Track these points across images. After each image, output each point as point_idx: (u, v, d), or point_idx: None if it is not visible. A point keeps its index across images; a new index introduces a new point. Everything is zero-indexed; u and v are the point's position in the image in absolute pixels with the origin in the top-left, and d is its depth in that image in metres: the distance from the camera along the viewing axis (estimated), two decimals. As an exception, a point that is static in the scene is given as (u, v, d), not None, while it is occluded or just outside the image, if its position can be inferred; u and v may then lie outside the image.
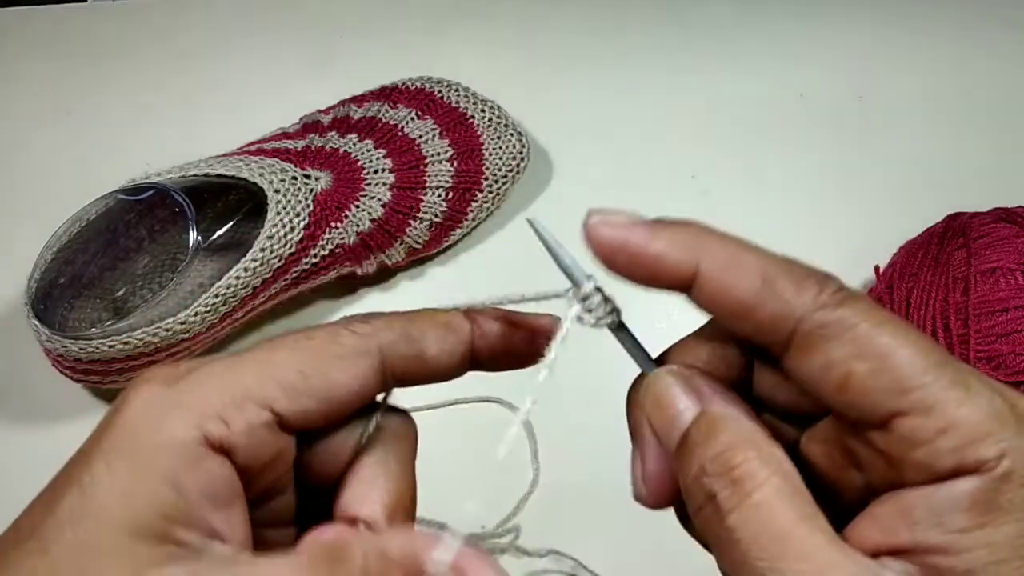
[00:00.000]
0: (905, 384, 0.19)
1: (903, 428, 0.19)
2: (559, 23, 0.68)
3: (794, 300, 0.20)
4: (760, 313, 0.21)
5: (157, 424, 0.20)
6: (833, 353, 0.20)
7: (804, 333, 0.20)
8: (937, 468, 0.19)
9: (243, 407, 0.21)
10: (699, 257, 0.21)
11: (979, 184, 0.58)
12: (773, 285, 0.21)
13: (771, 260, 0.21)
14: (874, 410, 0.20)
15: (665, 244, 0.22)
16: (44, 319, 0.46)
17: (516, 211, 0.58)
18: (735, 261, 0.21)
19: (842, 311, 0.20)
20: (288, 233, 0.48)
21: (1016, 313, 0.42)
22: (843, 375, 0.20)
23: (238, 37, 0.67)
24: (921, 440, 0.19)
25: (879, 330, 0.20)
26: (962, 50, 0.66)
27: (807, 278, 0.21)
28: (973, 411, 0.19)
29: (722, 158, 0.60)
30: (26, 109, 0.64)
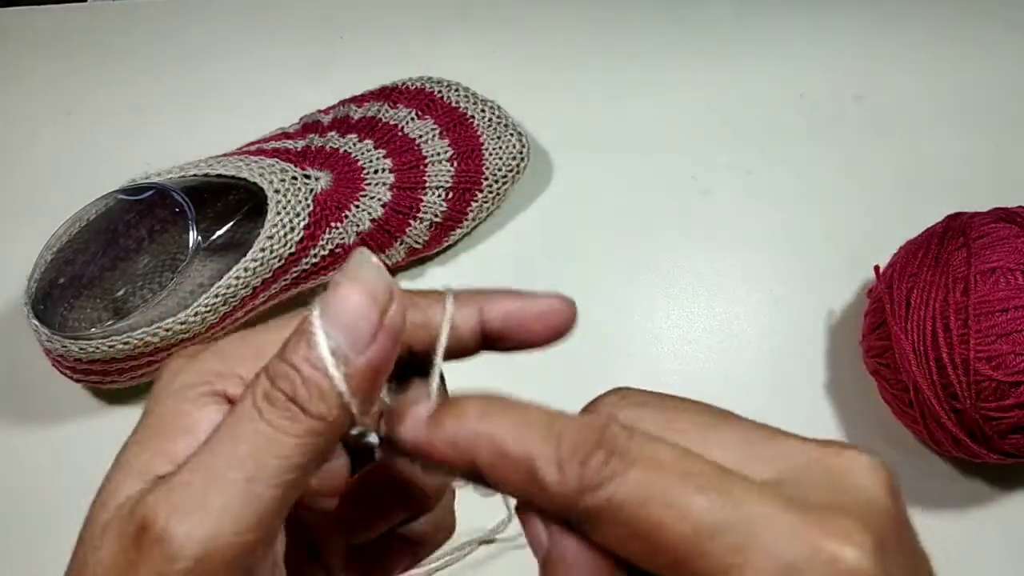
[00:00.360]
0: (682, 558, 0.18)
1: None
2: (559, 23, 0.68)
3: (558, 488, 0.19)
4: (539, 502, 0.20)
5: (181, 384, 0.21)
6: (606, 539, 0.19)
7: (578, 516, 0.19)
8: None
9: (259, 365, 0.21)
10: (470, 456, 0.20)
11: (979, 184, 0.58)
12: (536, 476, 0.19)
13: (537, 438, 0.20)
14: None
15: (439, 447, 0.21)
16: (44, 319, 0.46)
17: (516, 211, 0.58)
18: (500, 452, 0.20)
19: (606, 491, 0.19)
20: (288, 233, 0.48)
21: (1016, 313, 0.42)
22: (627, 555, 0.19)
23: (238, 37, 0.68)
24: None
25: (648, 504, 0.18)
26: (962, 50, 0.66)
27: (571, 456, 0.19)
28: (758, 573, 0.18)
29: (722, 158, 0.60)
30: (26, 109, 0.64)
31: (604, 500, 0.19)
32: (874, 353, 0.48)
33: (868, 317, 0.49)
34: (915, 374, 0.44)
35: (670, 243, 0.57)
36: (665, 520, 0.18)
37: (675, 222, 0.58)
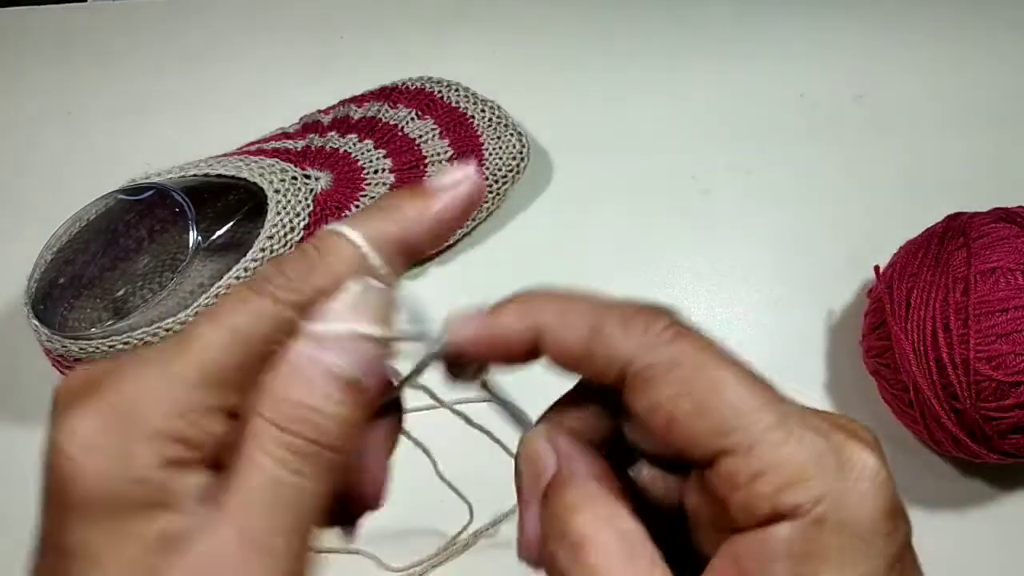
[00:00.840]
0: (726, 425, 0.19)
1: (724, 469, 0.19)
2: (559, 23, 0.68)
3: (621, 344, 0.21)
4: (595, 362, 0.21)
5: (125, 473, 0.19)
6: (658, 394, 0.20)
7: (632, 376, 0.20)
8: (756, 512, 0.19)
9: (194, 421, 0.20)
10: (536, 319, 0.22)
11: (979, 184, 0.58)
12: (601, 332, 0.21)
13: (601, 306, 0.22)
14: (698, 450, 0.20)
15: (504, 320, 0.22)
16: (44, 319, 0.46)
17: (516, 211, 0.58)
18: (565, 315, 0.22)
19: (667, 350, 0.20)
20: (288, 233, 0.48)
21: (1016, 313, 0.42)
22: (667, 416, 0.20)
23: (238, 37, 0.68)
24: (740, 482, 0.19)
25: (703, 369, 0.20)
26: (962, 50, 0.66)
27: (634, 318, 0.21)
28: (792, 454, 0.19)
29: (722, 158, 0.60)
30: (26, 109, 0.64)
31: (664, 356, 0.20)
32: (874, 353, 0.48)
33: (868, 317, 0.49)
34: (915, 374, 0.44)
35: (670, 243, 0.57)
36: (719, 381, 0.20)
37: (675, 222, 0.58)
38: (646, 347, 0.20)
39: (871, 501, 0.19)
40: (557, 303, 0.22)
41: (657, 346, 0.20)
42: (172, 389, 0.20)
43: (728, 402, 0.19)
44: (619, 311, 0.21)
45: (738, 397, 0.19)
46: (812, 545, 0.18)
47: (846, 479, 0.19)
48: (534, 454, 0.22)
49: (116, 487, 0.19)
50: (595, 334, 0.21)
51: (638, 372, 0.20)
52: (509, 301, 0.23)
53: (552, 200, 0.59)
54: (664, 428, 0.20)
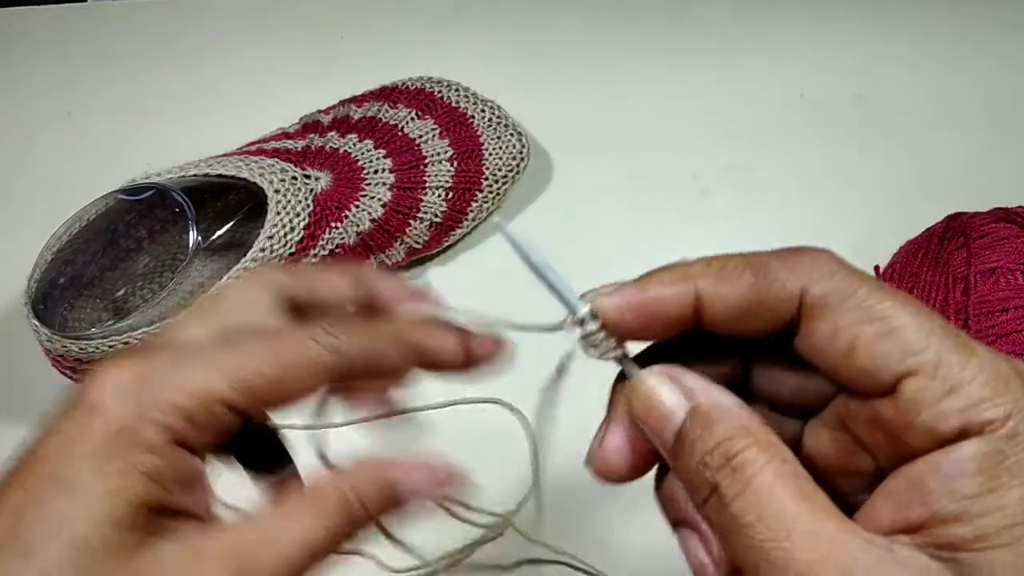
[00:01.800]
0: (911, 346, 0.19)
1: (910, 390, 0.19)
2: (559, 23, 0.68)
3: (790, 280, 0.21)
4: (764, 304, 0.21)
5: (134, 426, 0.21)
6: (838, 320, 0.20)
7: (808, 307, 0.21)
8: (943, 430, 0.19)
9: (208, 406, 0.22)
10: (692, 283, 0.22)
11: (979, 184, 0.58)
12: (766, 274, 0.21)
13: (756, 254, 0.22)
14: (881, 373, 0.20)
15: (660, 285, 0.22)
16: (44, 319, 0.46)
17: (516, 211, 0.58)
18: (723, 269, 0.22)
19: (839, 278, 0.21)
20: (288, 233, 0.48)
21: (1016, 313, 0.42)
22: (849, 340, 0.20)
23: (238, 37, 0.68)
24: (927, 401, 0.19)
25: (881, 295, 0.20)
26: (962, 50, 0.66)
27: (797, 255, 0.22)
28: (979, 373, 0.19)
29: (722, 158, 0.60)
30: (26, 109, 0.64)
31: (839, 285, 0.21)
32: (874, 353, 0.48)
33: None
34: (915, 374, 0.44)
35: (670, 243, 0.57)
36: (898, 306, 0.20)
37: (675, 222, 0.58)
38: (817, 279, 0.21)
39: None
40: (709, 261, 0.22)
41: (828, 276, 0.21)
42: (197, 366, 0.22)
43: (911, 325, 0.20)
44: (777, 255, 0.22)
45: (919, 321, 0.20)
46: (1003, 459, 0.18)
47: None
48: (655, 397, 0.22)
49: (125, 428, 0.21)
50: (760, 280, 0.21)
51: (813, 303, 0.21)
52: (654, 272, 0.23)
53: (552, 200, 0.59)
54: (844, 354, 0.20)
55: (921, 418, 0.19)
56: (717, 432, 0.20)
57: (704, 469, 0.20)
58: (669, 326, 0.22)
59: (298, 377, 0.23)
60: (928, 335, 0.19)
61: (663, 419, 0.22)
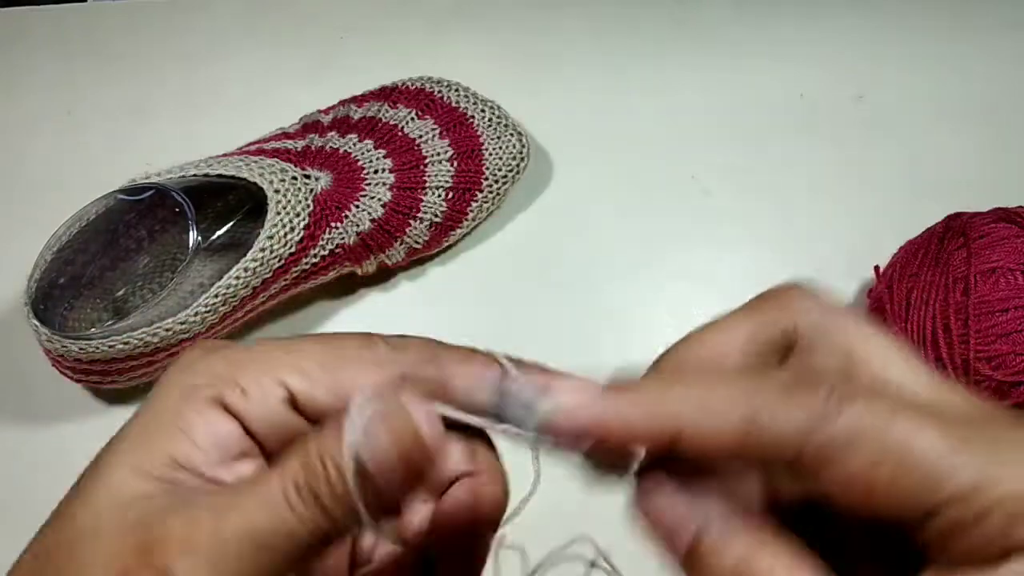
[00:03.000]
0: (933, 478, 0.18)
1: (942, 522, 0.18)
2: (559, 23, 0.68)
3: (787, 427, 0.19)
4: (756, 449, 0.19)
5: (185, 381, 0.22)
6: (849, 468, 0.19)
7: (811, 456, 0.19)
8: (986, 553, 0.18)
9: (261, 380, 0.22)
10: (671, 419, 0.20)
11: (979, 184, 0.58)
12: (759, 420, 0.19)
13: (752, 387, 0.20)
14: (908, 512, 0.18)
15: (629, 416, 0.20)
16: (44, 319, 0.46)
17: (516, 211, 0.58)
18: (707, 406, 0.20)
19: (843, 420, 0.19)
20: (288, 233, 0.48)
21: (1016, 313, 0.42)
22: (866, 487, 0.19)
23: (238, 37, 0.68)
24: (964, 529, 0.18)
25: (888, 427, 0.18)
26: (962, 50, 0.66)
27: (794, 395, 0.19)
28: (1012, 485, 0.18)
29: (722, 158, 0.60)
30: (26, 109, 0.64)
31: (844, 428, 0.19)
32: (874, 353, 0.48)
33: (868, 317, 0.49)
34: (915, 374, 0.44)
35: (670, 243, 0.57)
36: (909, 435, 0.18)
37: (675, 222, 0.58)
38: (818, 422, 0.19)
39: None
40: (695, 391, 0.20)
41: (829, 418, 0.19)
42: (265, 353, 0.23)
43: (929, 454, 0.18)
44: (772, 391, 0.19)
45: (936, 445, 0.18)
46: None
47: None
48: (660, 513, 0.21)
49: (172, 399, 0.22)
50: (752, 423, 0.19)
51: (817, 452, 0.19)
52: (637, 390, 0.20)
53: (552, 200, 0.59)
54: (862, 500, 0.19)
55: (960, 545, 0.18)
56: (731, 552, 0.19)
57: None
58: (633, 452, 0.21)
59: (356, 369, 0.22)
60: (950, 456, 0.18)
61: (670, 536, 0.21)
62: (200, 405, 0.22)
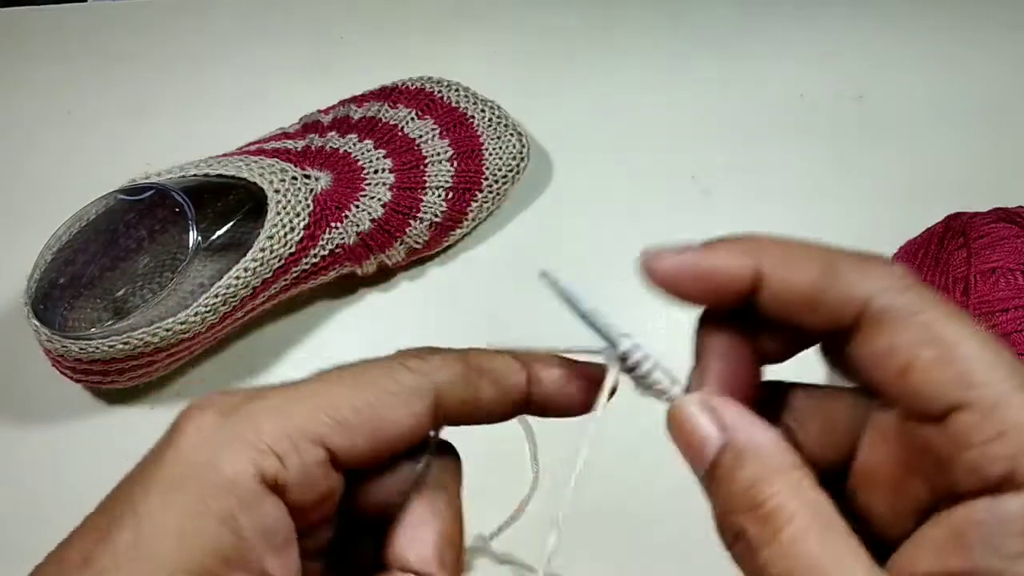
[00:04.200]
0: (969, 378, 0.18)
1: (960, 424, 0.18)
2: (559, 23, 0.68)
3: (859, 283, 0.20)
4: (826, 300, 0.20)
5: (214, 459, 0.20)
6: (898, 337, 0.19)
7: (870, 316, 0.20)
8: (988, 473, 0.18)
9: (298, 444, 0.21)
10: (758, 259, 0.21)
11: (979, 184, 0.58)
12: (836, 270, 0.20)
13: (830, 249, 0.21)
14: (934, 400, 0.19)
15: (723, 255, 0.21)
16: (44, 319, 0.46)
17: (516, 211, 0.58)
18: (793, 254, 0.21)
19: (909, 296, 0.20)
20: (288, 233, 0.48)
21: (1016, 313, 0.42)
22: (906, 360, 0.19)
23: (238, 37, 0.68)
24: (976, 440, 0.18)
25: (948, 320, 0.19)
26: (962, 50, 0.66)
27: (871, 262, 0.21)
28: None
29: (722, 158, 0.60)
30: (26, 109, 0.64)
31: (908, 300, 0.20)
32: (874, 353, 0.48)
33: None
34: (915, 374, 0.44)
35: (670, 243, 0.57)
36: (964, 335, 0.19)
37: (675, 222, 0.58)
38: (886, 289, 0.20)
39: None
40: (779, 243, 0.21)
41: (898, 290, 0.20)
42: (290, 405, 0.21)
43: (973, 355, 0.19)
44: (851, 254, 0.21)
45: (983, 353, 0.19)
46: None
47: None
48: (691, 427, 0.21)
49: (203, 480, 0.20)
50: (829, 274, 0.20)
51: (877, 313, 0.20)
52: (723, 239, 0.22)
53: (552, 200, 0.59)
54: (899, 373, 0.19)
55: (967, 455, 0.18)
56: (746, 475, 0.20)
57: (731, 514, 0.20)
58: (724, 297, 0.22)
59: (392, 406, 0.22)
60: (991, 370, 0.18)
61: (697, 451, 0.21)
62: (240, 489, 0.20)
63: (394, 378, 0.22)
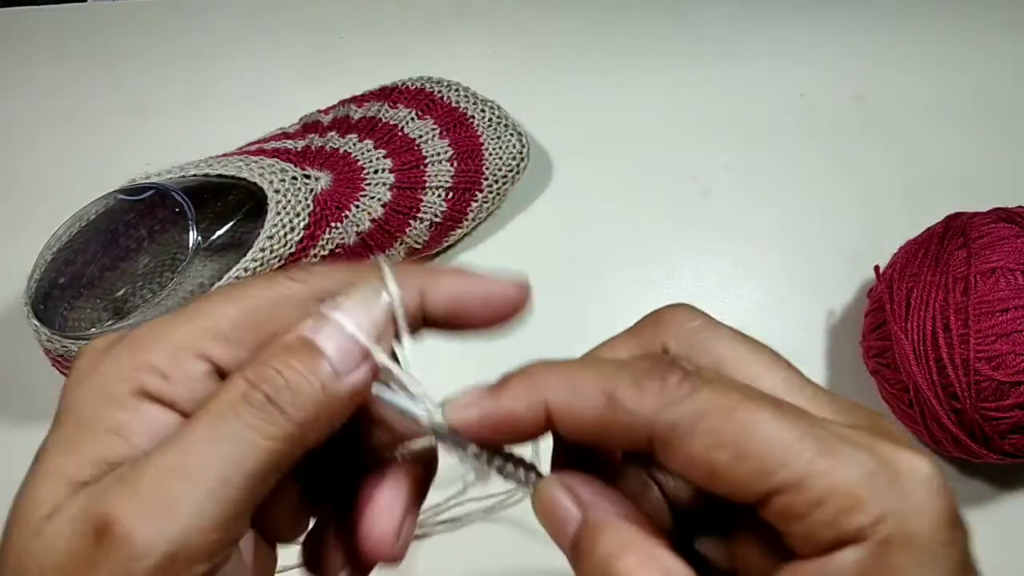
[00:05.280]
0: (768, 465, 0.19)
1: (778, 506, 0.19)
2: (559, 23, 0.68)
3: (639, 407, 0.20)
4: (615, 431, 0.20)
5: (97, 384, 0.21)
6: (690, 450, 0.20)
7: (659, 437, 0.20)
8: (819, 541, 0.19)
9: (178, 358, 0.21)
10: (542, 397, 0.21)
11: (979, 184, 0.58)
12: (615, 398, 0.20)
13: (611, 370, 0.21)
14: (748, 494, 0.19)
15: (511, 400, 0.21)
16: (44, 319, 0.46)
17: (516, 211, 0.58)
18: (574, 387, 0.21)
19: (689, 403, 0.20)
20: (288, 233, 0.48)
21: (1016, 313, 0.42)
22: (706, 469, 0.19)
23: (238, 37, 0.68)
24: (797, 515, 0.19)
25: (731, 414, 0.19)
26: (962, 50, 0.66)
27: (648, 377, 0.20)
28: (843, 478, 0.19)
29: (722, 158, 0.60)
30: (26, 109, 0.64)
31: (688, 411, 0.20)
32: (874, 353, 0.48)
33: (868, 317, 0.49)
34: (915, 374, 0.44)
35: (670, 243, 0.57)
36: (750, 422, 0.19)
37: (675, 222, 0.58)
38: (666, 405, 0.20)
39: (931, 511, 0.19)
40: (563, 375, 0.21)
41: (677, 401, 0.20)
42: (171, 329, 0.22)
43: (765, 441, 0.19)
44: (629, 373, 0.20)
45: (774, 433, 0.19)
46: (881, 565, 0.18)
47: (902, 493, 0.19)
48: (552, 505, 0.22)
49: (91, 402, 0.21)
50: (610, 401, 0.20)
51: (664, 432, 0.20)
52: (510, 379, 0.22)
53: (552, 200, 0.59)
54: (706, 480, 0.20)
55: (795, 530, 0.19)
56: (600, 549, 0.20)
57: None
58: (527, 437, 0.22)
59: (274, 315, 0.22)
60: (787, 447, 0.19)
61: (559, 529, 0.22)
62: (124, 402, 0.20)
63: (274, 289, 0.22)
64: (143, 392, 0.21)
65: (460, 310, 0.23)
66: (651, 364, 0.21)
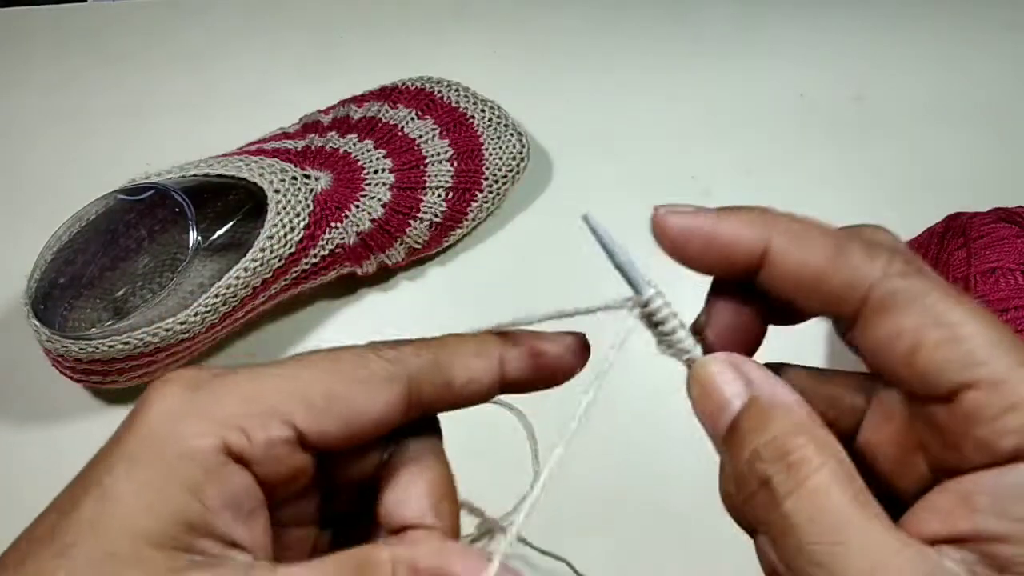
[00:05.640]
0: (975, 357, 0.19)
1: (968, 403, 0.19)
2: (559, 23, 0.68)
3: (866, 267, 0.20)
4: (832, 282, 0.21)
5: (178, 431, 0.20)
6: (904, 321, 0.20)
7: (875, 300, 0.20)
8: (999, 448, 0.18)
9: (265, 421, 0.21)
10: (769, 233, 0.21)
11: (979, 184, 0.58)
12: (845, 253, 0.21)
13: (840, 231, 0.21)
14: (941, 381, 0.19)
15: (735, 225, 0.22)
16: (44, 319, 0.46)
17: (516, 211, 0.58)
18: (805, 233, 0.21)
19: (914, 280, 0.20)
20: (288, 233, 0.48)
21: (1016, 313, 0.42)
22: (912, 344, 0.19)
23: (238, 37, 0.68)
24: (986, 416, 0.19)
25: (951, 302, 0.20)
26: (962, 50, 0.66)
27: (878, 246, 0.21)
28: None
29: (722, 158, 0.60)
30: (25, 109, 0.64)
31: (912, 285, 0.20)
32: (874, 353, 0.48)
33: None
34: (915, 374, 0.44)
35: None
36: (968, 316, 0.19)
37: (675, 222, 0.58)
38: (892, 275, 0.20)
39: None
40: (792, 220, 0.22)
41: (904, 275, 0.20)
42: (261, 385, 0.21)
43: (978, 335, 0.19)
44: (861, 238, 0.21)
45: (987, 333, 0.19)
46: None
47: None
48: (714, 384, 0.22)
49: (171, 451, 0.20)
50: (839, 254, 0.21)
51: (883, 297, 0.20)
52: (738, 208, 0.22)
53: (552, 200, 0.59)
54: (906, 355, 0.20)
55: (978, 432, 0.19)
56: (774, 426, 0.20)
57: (756, 461, 0.20)
58: (729, 269, 0.22)
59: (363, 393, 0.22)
60: (995, 347, 0.19)
61: (720, 406, 0.22)
62: (205, 459, 0.20)
63: (365, 365, 0.22)
64: (226, 449, 0.20)
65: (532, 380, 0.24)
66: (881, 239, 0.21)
